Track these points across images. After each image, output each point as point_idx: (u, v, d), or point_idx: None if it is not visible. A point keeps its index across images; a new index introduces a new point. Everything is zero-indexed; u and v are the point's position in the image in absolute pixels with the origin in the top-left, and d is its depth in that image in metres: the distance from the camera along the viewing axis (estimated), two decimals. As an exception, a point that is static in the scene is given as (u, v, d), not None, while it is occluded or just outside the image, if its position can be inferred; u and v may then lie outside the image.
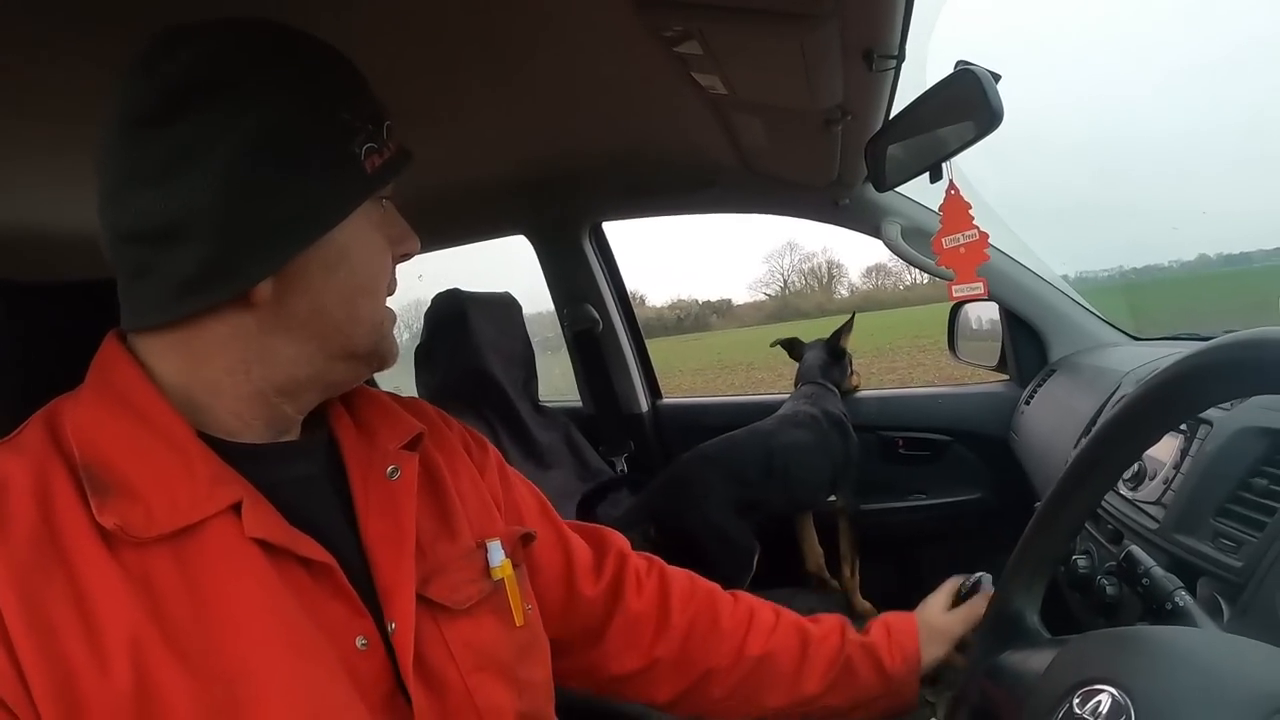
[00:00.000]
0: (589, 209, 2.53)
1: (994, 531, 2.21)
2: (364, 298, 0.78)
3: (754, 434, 2.29)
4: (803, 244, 78.75)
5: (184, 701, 0.61)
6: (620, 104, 1.63)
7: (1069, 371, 2.04)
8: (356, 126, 0.74)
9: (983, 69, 1.09)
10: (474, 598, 0.83)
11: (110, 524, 0.63)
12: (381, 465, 0.83)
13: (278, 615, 0.68)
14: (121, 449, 0.68)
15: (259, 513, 0.70)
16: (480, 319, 2.07)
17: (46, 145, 1.34)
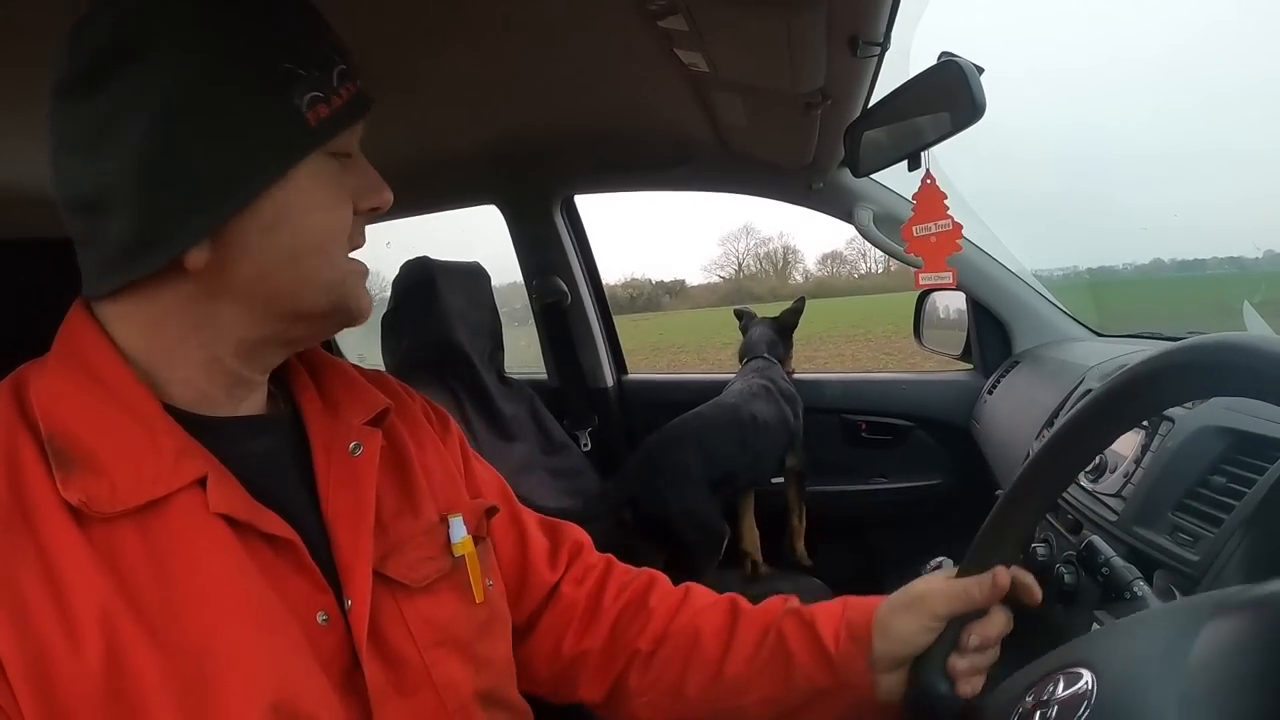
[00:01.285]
0: (562, 182, 2.52)
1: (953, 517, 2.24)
2: (312, 257, 0.74)
3: (720, 408, 2.32)
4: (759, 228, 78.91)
5: (153, 675, 0.61)
6: (599, 77, 1.63)
7: (1032, 363, 2.07)
8: (299, 75, 0.69)
9: (967, 61, 1.09)
10: (432, 575, 0.83)
11: (75, 499, 0.63)
12: (345, 441, 0.82)
13: (243, 590, 0.67)
14: (86, 421, 0.67)
15: (224, 487, 0.70)
16: (449, 288, 2.05)
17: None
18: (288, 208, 0.71)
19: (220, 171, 0.67)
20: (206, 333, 0.73)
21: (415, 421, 0.94)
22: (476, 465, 1.01)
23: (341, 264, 0.76)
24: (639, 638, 0.97)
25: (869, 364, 9.34)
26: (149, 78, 0.66)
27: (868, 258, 72.71)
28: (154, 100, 0.66)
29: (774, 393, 2.37)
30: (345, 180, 0.76)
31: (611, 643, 0.98)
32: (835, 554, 2.52)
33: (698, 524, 2.08)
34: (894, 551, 2.49)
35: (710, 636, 0.94)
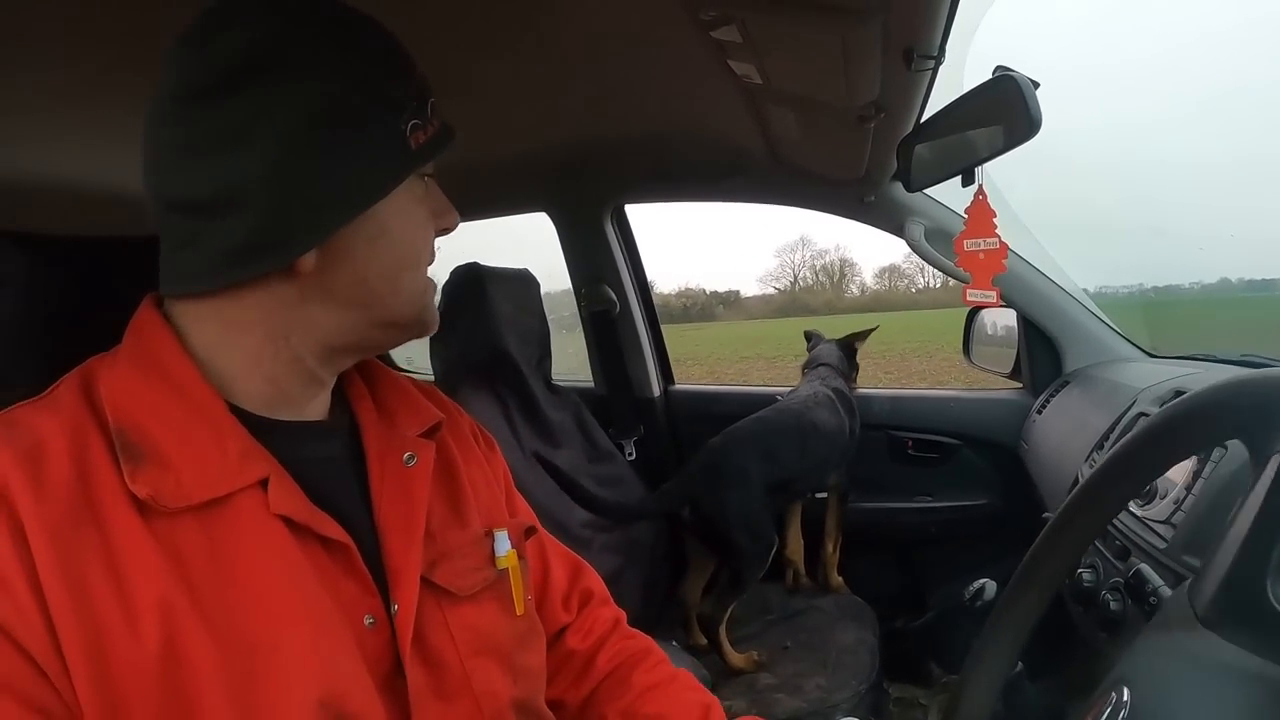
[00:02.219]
0: (613, 190, 2.53)
1: (998, 538, 2.22)
2: (406, 270, 0.80)
3: (784, 413, 2.30)
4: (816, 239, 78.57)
5: (208, 665, 0.63)
6: (653, 87, 1.63)
7: (1083, 384, 2.04)
8: (404, 104, 0.75)
9: (1023, 75, 1.09)
10: (478, 585, 0.86)
11: (143, 493, 0.65)
12: (399, 451, 0.86)
13: (298, 589, 0.70)
14: (155, 417, 0.70)
15: (284, 490, 0.73)
16: (498, 295, 2.06)
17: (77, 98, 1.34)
18: (388, 223, 0.76)
19: (343, 184, 0.72)
20: (298, 334, 0.77)
21: (464, 439, 0.97)
22: (515, 493, 1.05)
23: (425, 278, 0.82)
24: (609, 707, 1.01)
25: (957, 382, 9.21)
26: (287, 89, 0.70)
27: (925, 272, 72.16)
28: (291, 109, 0.70)
29: (837, 403, 2.36)
30: (427, 201, 0.82)
31: (588, 702, 1.03)
32: (877, 571, 2.50)
33: (752, 529, 2.07)
34: (937, 571, 2.47)
35: None
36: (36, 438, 0.66)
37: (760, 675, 1.91)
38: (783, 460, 2.19)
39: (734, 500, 2.08)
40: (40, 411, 0.69)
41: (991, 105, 1.15)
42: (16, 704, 0.59)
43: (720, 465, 2.15)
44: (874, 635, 2.05)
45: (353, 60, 0.73)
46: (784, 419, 2.28)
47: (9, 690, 0.59)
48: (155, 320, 0.76)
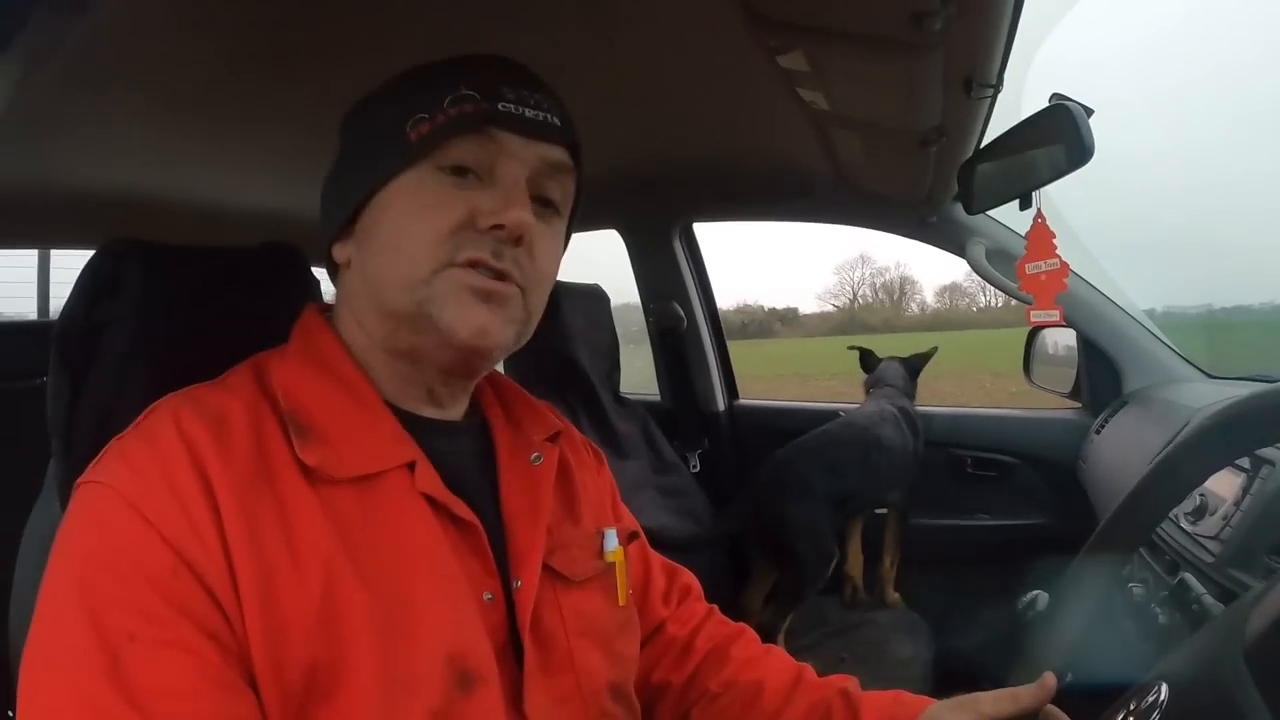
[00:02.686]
0: (682, 209, 2.58)
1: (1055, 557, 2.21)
2: (395, 257, 0.80)
3: (849, 428, 2.34)
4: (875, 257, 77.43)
5: (360, 613, 0.72)
6: (723, 111, 1.67)
7: (1141, 404, 2.04)
8: (411, 101, 0.82)
9: (1076, 104, 1.13)
10: (589, 573, 0.94)
11: (312, 461, 0.75)
12: (526, 451, 0.95)
13: (436, 557, 0.79)
14: (320, 404, 0.80)
15: (427, 474, 0.82)
16: (571, 309, 2.12)
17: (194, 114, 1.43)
18: (384, 211, 0.82)
19: (347, 184, 0.86)
20: (364, 327, 0.86)
21: (578, 450, 1.07)
22: (621, 504, 1.14)
23: (424, 266, 0.79)
24: (712, 680, 1.07)
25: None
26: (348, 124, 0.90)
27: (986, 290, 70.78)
28: (341, 141, 0.89)
29: (901, 421, 2.39)
30: (459, 195, 0.81)
31: (691, 680, 1.09)
32: (932, 587, 2.51)
33: (814, 541, 2.12)
34: (992, 589, 2.46)
35: (770, 694, 1.03)
36: (222, 410, 0.76)
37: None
38: (846, 474, 2.22)
39: (797, 512, 2.12)
40: (220, 392, 0.79)
41: (1047, 132, 1.20)
42: (194, 628, 0.66)
43: (784, 477, 2.20)
44: (929, 651, 2.07)
45: (393, 86, 0.87)
46: (849, 433, 2.32)
47: (188, 614, 0.66)
48: (318, 322, 0.88)
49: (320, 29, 1.15)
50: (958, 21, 0.96)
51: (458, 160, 0.81)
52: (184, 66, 1.22)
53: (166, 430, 0.73)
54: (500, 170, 0.83)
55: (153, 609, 0.66)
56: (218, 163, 1.73)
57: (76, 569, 0.67)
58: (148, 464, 0.71)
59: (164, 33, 1.11)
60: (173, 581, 0.67)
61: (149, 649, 0.64)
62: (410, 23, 1.14)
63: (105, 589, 0.66)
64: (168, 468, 0.70)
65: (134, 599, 0.65)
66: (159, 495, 0.69)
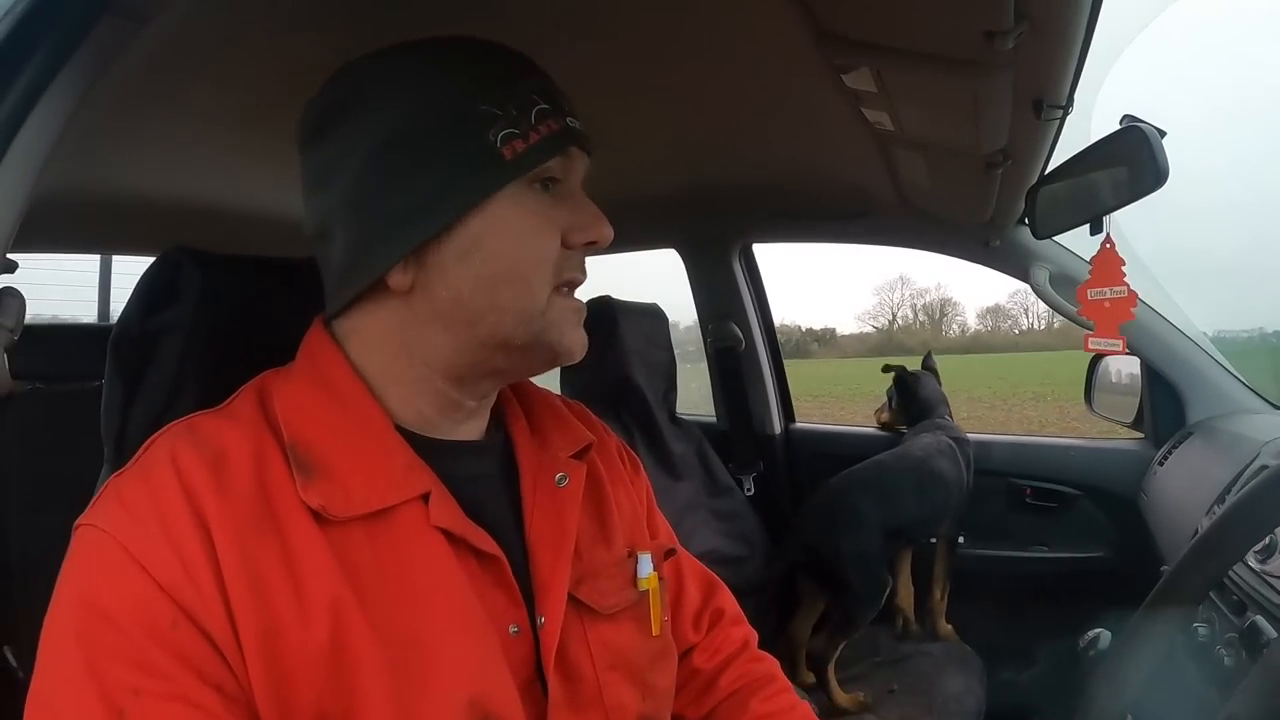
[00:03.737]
0: (741, 229, 2.59)
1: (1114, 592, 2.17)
2: (506, 286, 0.78)
3: (904, 459, 2.33)
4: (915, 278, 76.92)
5: (372, 660, 0.69)
6: (787, 131, 1.67)
7: (1206, 435, 1.99)
8: (495, 115, 0.76)
9: (1150, 126, 1.11)
10: (620, 605, 0.89)
11: (315, 504, 0.71)
12: (551, 471, 0.90)
13: (453, 595, 0.76)
14: (325, 434, 0.76)
15: (444, 504, 0.78)
16: (629, 328, 2.13)
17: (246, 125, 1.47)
18: (482, 235, 0.77)
19: (415, 202, 0.76)
20: (417, 354, 0.81)
21: (610, 459, 1.02)
22: (656, 511, 1.08)
23: (541, 295, 0.80)
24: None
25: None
26: (361, 124, 0.78)
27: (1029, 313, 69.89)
28: (364, 143, 0.77)
29: (956, 453, 2.36)
30: (555, 214, 0.80)
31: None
32: (988, 620, 2.46)
33: (866, 571, 2.09)
34: (1049, 623, 2.41)
35: None
36: (221, 445, 0.73)
37: (865, 717, 1.92)
38: (900, 506, 2.21)
39: (849, 542, 2.11)
40: (221, 421, 0.76)
41: (1119, 154, 1.17)
42: (197, 679, 0.65)
43: (837, 507, 2.19)
44: (981, 684, 2.03)
45: (433, 85, 0.77)
46: (904, 464, 2.31)
47: (191, 666, 0.65)
48: (323, 340, 0.83)
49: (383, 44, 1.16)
50: (1029, 40, 0.95)
51: (548, 174, 0.80)
52: (248, 80, 1.24)
53: (163, 469, 0.71)
54: (573, 182, 0.84)
55: (155, 662, 0.64)
56: (280, 174, 1.76)
57: (77, 619, 0.66)
58: (143, 507, 0.69)
59: (228, 47, 1.13)
60: (172, 633, 0.65)
61: (154, 703, 0.63)
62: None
63: (106, 642, 0.64)
64: (163, 510, 0.68)
65: (135, 653, 0.64)
66: (154, 541, 0.67)
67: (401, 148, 0.76)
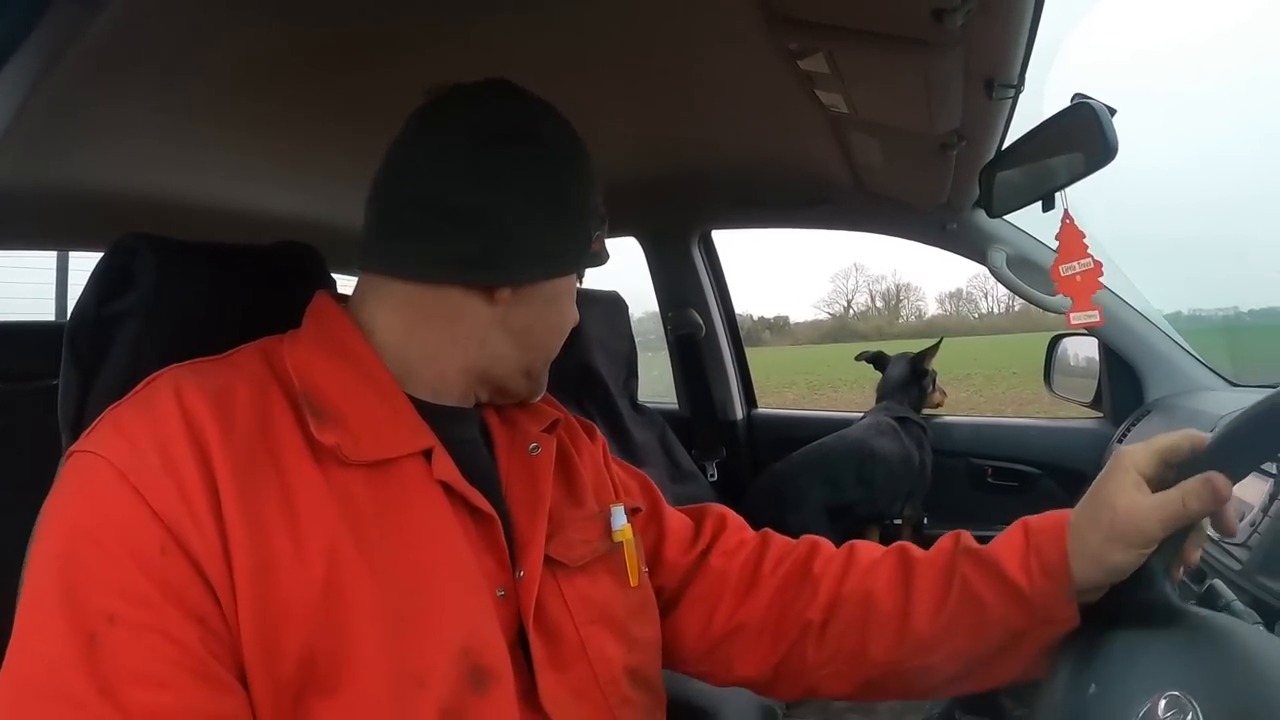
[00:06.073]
0: (700, 216, 2.59)
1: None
2: (556, 335, 0.95)
3: (844, 440, 2.37)
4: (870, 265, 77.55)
5: (365, 602, 0.70)
6: (742, 115, 1.67)
7: (1164, 413, 2.01)
8: (598, 213, 0.92)
9: (1099, 103, 1.11)
10: (588, 556, 0.92)
11: (330, 442, 0.74)
12: (524, 443, 0.95)
13: (451, 548, 0.78)
14: (336, 387, 0.79)
15: (445, 462, 0.81)
16: (590, 316, 2.05)
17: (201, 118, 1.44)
18: (559, 294, 0.92)
19: (557, 246, 0.88)
20: (476, 350, 0.88)
21: (574, 432, 1.07)
22: (617, 468, 1.10)
23: (557, 350, 0.97)
24: (808, 608, 0.95)
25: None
26: (542, 157, 0.87)
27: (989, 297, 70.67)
28: (549, 171, 0.87)
29: (900, 431, 2.38)
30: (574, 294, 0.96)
31: (775, 616, 0.98)
32: None
33: None
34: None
35: (886, 595, 0.92)
36: (225, 384, 0.74)
37: (831, 695, 1.92)
38: (843, 486, 2.25)
39: (794, 522, 2.13)
40: (225, 366, 0.78)
41: (1069, 132, 1.18)
42: (179, 611, 0.65)
43: (781, 488, 2.24)
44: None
45: (577, 166, 0.90)
46: (844, 444, 2.36)
47: (174, 597, 0.65)
48: (335, 310, 0.86)
49: (337, 34, 1.15)
50: (978, 18, 0.95)
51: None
52: (203, 70, 1.22)
53: (165, 400, 0.71)
54: None
55: (137, 589, 0.64)
56: (236, 166, 1.74)
57: (60, 542, 0.66)
58: (143, 434, 0.69)
59: (184, 35, 1.11)
60: (160, 560, 0.65)
61: (129, 633, 0.63)
62: (425, 28, 1.15)
63: (88, 565, 0.64)
64: (164, 439, 0.69)
65: (118, 577, 0.64)
66: (152, 467, 0.67)
67: (559, 201, 0.87)
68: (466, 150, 0.84)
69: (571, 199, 0.88)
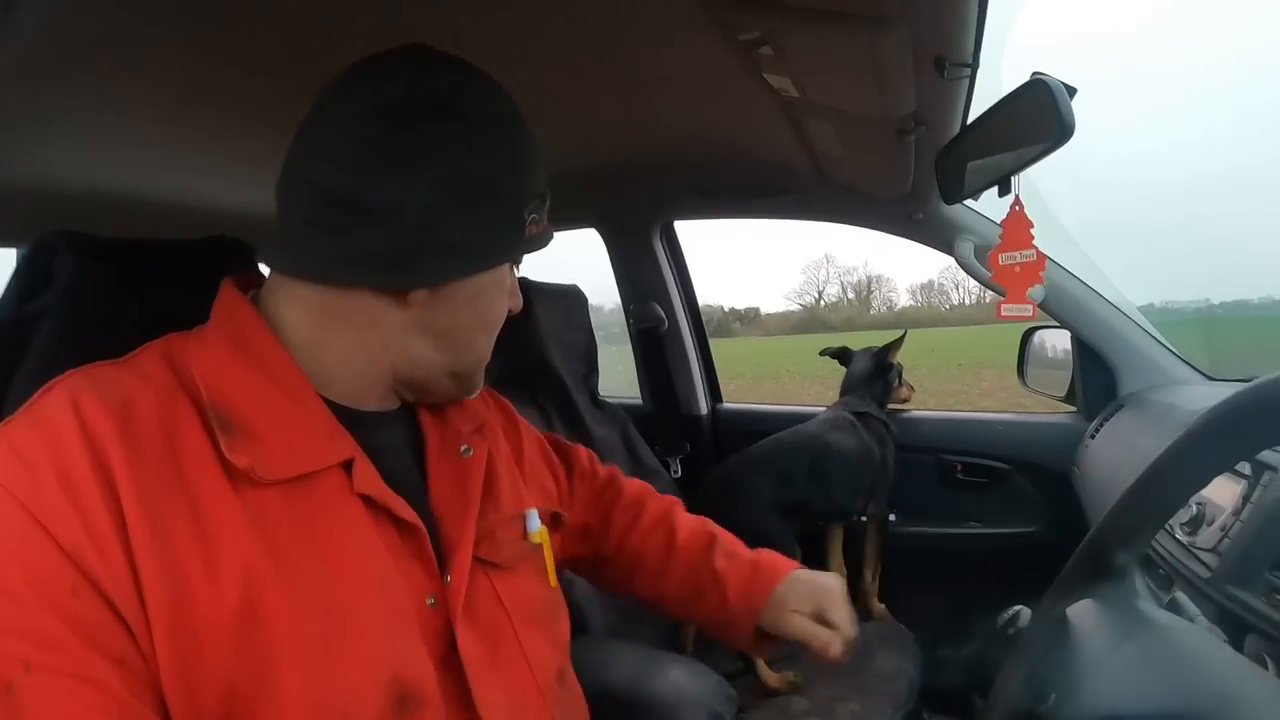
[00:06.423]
0: (661, 207, 2.55)
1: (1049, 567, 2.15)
2: (483, 333, 0.89)
3: (798, 435, 2.33)
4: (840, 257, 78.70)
5: (286, 627, 0.66)
6: (693, 103, 1.63)
7: (1137, 407, 1.98)
8: (530, 195, 0.84)
9: (1056, 80, 1.06)
10: (518, 556, 0.92)
11: (243, 463, 0.69)
12: (455, 444, 0.93)
13: (373, 565, 0.75)
14: (247, 396, 0.74)
15: (366, 472, 0.77)
16: (546, 309, 2.08)
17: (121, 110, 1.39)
18: (486, 289, 0.86)
19: (474, 240, 0.81)
20: (391, 356, 0.84)
21: (494, 435, 1.02)
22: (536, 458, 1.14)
23: (489, 348, 0.92)
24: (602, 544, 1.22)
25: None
26: (454, 141, 0.77)
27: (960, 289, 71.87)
28: (460, 156, 0.78)
29: (858, 426, 2.35)
30: (509, 283, 0.90)
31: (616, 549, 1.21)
32: (922, 597, 2.46)
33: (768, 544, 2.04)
34: (984, 600, 2.40)
35: (653, 559, 1.19)
36: (127, 395, 0.69)
37: (794, 699, 1.88)
38: (795, 481, 2.20)
39: (745, 516, 2.08)
40: (125, 373, 0.72)
41: (1026, 112, 1.13)
42: (97, 653, 0.60)
43: (733, 483, 2.18)
44: (913, 664, 2.00)
45: (507, 141, 0.81)
46: (798, 440, 2.31)
47: (90, 639, 0.60)
48: (242, 304, 0.80)
49: (278, 21, 1.12)
50: (918, -9, 0.91)
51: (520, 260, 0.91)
52: (133, 59, 1.19)
53: (63, 416, 0.66)
54: None
55: (50, 633, 0.59)
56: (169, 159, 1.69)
57: None
58: (41, 457, 0.64)
59: (112, 25, 1.07)
60: (72, 601, 0.60)
61: (46, 679, 0.59)
62: (377, 17, 1.11)
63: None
64: (63, 462, 0.64)
65: (30, 622, 0.59)
66: (54, 496, 0.62)
67: (480, 187, 0.79)
68: (371, 132, 0.76)
69: (499, 181, 0.80)
